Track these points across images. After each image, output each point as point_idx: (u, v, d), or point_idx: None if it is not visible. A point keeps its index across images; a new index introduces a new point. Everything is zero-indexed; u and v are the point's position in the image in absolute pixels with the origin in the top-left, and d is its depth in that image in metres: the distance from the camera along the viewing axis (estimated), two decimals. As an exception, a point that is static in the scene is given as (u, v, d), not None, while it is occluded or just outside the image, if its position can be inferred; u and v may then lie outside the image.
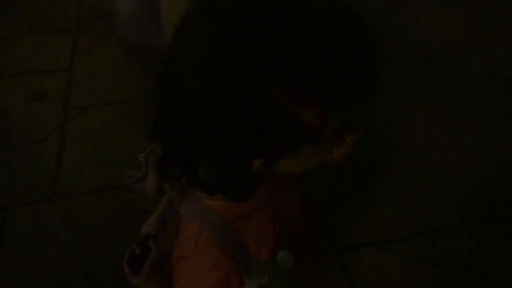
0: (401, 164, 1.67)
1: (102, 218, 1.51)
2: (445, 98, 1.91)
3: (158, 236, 0.63)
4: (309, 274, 0.75)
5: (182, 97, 0.52)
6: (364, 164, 1.50)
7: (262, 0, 0.51)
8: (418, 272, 1.37)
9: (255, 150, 0.53)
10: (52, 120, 1.85)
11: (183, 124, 0.54)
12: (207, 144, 0.53)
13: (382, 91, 0.69)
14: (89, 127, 1.82)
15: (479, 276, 1.36)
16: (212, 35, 0.50)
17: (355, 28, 0.52)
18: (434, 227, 1.48)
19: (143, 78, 1.47)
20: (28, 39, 2.26)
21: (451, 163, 1.66)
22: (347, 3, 0.53)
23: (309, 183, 0.77)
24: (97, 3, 2.41)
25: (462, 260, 1.39)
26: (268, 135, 0.51)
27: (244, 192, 0.58)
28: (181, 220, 0.64)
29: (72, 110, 1.90)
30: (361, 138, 0.61)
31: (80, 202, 1.56)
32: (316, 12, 0.51)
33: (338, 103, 0.52)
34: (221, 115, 0.51)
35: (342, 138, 0.57)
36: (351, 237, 1.47)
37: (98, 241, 1.44)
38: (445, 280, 1.35)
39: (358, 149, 0.62)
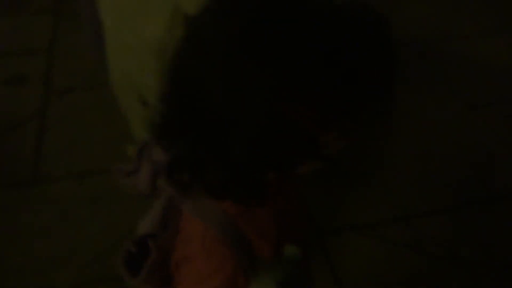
0: (381, 149, 1.69)
1: (83, 202, 1.50)
2: (427, 86, 1.93)
3: (157, 235, 0.63)
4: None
5: (199, 106, 0.51)
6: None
7: (284, 14, 0.49)
8: (398, 255, 1.40)
9: (268, 164, 0.53)
10: (33, 103, 1.82)
11: (197, 131, 0.53)
12: (219, 152, 0.52)
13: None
14: (70, 111, 1.80)
15: (458, 258, 1.39)
16: (230, 51, 0.48)
17: (380, 45, 0.51)
18: (414, 212, 1.51)
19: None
20: (6, 21, 2.20)
21: (431, 149, 1.69)
22: (371, 13, 0.51)
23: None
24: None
25: (441, 243, 1.42)
26: (281, 151, 0.51)
27: (253, 199, 0.57)
28: (182, 218, 0.63)
29: (53, 93, 1.87)
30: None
31: (61, 187, 1.55)
32: (340, 28, 0.49)
33: (359, 123, 0.52)
34: (239, 131, 0.50)
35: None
36: (331, 221, 1.49)
37: (80, 225, 1.44)
38: (424, 263, 1.38)
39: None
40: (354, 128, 0.53)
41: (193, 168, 0.56)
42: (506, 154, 1.68)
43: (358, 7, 0.51)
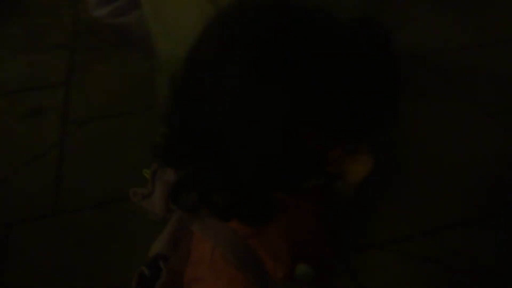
0: (400, 163, 1.66)
1: (104, 231, 1.50)
2: (444, 96, 1.92)
3: (168, 256, 0.62)
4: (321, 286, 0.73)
5: (205, 126, 0.51)
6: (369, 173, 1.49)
7: (291, 35, 0.49)
8: (422, 270, 1.37)
9: (275, 184, 0.53)
10: (51, 135, 1.85)
11: (203, 152, 0.53)
12: (228, 174, 0.52)
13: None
14: (88, 141, 1.82)
15: (483, 272, 1.35)
16: (239, 72, 0.48)
17: (387, 68, 0.51)
18: (436, 225, 1.47)
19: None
20: (23, 57, 2.26)
21: (451, 160, 1.66)
22: (377, 31, 0.52)
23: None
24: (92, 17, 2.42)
25: (466, 257, 1.39)
26: (291, 172, 0.51)
27: (260, 219, 0.56)
28: (193, 238, 0.62)
29: (71, 124, 1.90)
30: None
31: (82, 216, 1.56)
32: (349, 50, 0.49)
33: (364, 140, 0.52)
34: (247, 152, 0.50)
35: (361, 159, 0.56)
36: (355, 239, 1.47)
37: (102, 254, 1.43)
38: (449, 278, 1.35)
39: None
40: (359, 145, 0.53)
41: (199, 189, 0.56)
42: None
43: (365, 25, 0.51)
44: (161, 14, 1.14)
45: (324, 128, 0.49)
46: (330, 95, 0.48)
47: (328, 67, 0.48)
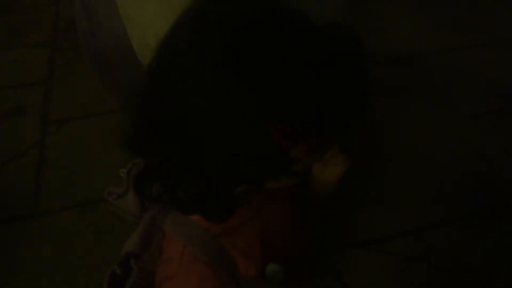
0: (383, 163, 1.68)
1: (85, 232, 1.48)
2: (426, 97, 1.93)
3: (140, 254, 0.61)
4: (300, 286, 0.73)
5: (172, 116, 0.51)
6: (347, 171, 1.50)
7: (263, 31, 0.49)
8: (406, 269, 1.37)
9: (240, 178, 0.53)
10: (31, 135, 1.81)
11: (169, 142, 0.52)
12: (192, 165, 0.52)
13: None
14: (69, 141, 1.79)
15: (466, 269, 1.37)
16: (208, 63, 0.49)
17: (356, 64, 0.52)
18: (419, 224, 1.48)
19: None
20: (3, 55, 2.21)
21: (433, 160, 1.68)
22: (347, 32, 0.52)
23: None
24: (73, 15, 2.38)
25: (449, 255, 1.40)
26: (255, 167, 0.51)
27: (222, 213, 0.56)
28: (165, 237, 0.62)
29: (51, 124, 1.86)
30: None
31: (62, 217, 1.53)
32: (317, 48, 0.50)
33: (331, 138, 0.52)
34: (212, 142, 0.50)
35: (334, 161, 0.56)
36: (339, 239, 1.47)
37: (81, 256, 1.41)
38: (434, 276, 1.36)
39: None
40: (324, 142, 0.53)
41: (164, 180, 0.56)
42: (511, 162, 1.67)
43: (335, 26, 0.52)
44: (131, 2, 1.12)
45: (288, 119, 0.49)
46: (296, 90, 0.48)
47: (296, 63, 0.48)
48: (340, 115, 0.51)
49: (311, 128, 0.51)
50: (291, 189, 0.65)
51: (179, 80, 0.51)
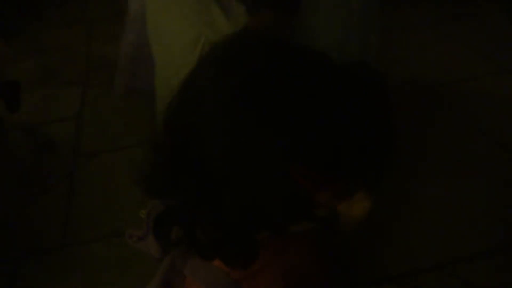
0: (412, 194, 1.64)
1: (112, 264, 1.48)
2: (456, 126, 1.90)
3: None
4: None
5: (192, 160, 0.50)
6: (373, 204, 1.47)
7: (287, 73, 0.48)
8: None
9: (261, 223, 0.52)
10: (62, 168, 1.86)
11: (187, 184, 0.51)
12: (210, 209, 0.51)
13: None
14: (98, 174, 1.83)
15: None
16: (231, 106, 0.48)
17: (381, 110, 0.51)
18: (453, 257, 1.42)
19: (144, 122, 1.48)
20: (37, 92, 2.31)
21: (463, 191, 1.63)
22: (372, 74, 0.51)
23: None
24: (104, 54, 2.49)
25: (488, 289, 1.34)
26: (278, 211, 0.50)
27: (244, 260, 0.54)
28: (185, 282, 0.60)
29: (81, 157, 1.91)
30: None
31: (91, 249, 1.54)
32: (343, 92, 0.49)
33: (356, 183, 0.51)
34: (233, 187, 0.49)
35: (359, 197, 0.55)
36: (369, 274, 1.42)
37: None
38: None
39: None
40: (349, 189, 0.51)
41: (182, 223, 0.54)
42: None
43: (358, 66, 0.51)
44: (161, 37, 1.16)
45: (312, 165, 0.48)
46: (321, 133, 0.47)
47: (322, 106, 0.47)
48: (366, 160, 0.50)
49: (337, 172, 0.50)
50: (311, 231, 0.63)
51: (200, 121, 0.49)
